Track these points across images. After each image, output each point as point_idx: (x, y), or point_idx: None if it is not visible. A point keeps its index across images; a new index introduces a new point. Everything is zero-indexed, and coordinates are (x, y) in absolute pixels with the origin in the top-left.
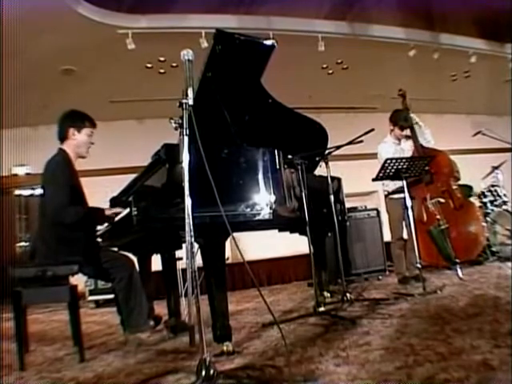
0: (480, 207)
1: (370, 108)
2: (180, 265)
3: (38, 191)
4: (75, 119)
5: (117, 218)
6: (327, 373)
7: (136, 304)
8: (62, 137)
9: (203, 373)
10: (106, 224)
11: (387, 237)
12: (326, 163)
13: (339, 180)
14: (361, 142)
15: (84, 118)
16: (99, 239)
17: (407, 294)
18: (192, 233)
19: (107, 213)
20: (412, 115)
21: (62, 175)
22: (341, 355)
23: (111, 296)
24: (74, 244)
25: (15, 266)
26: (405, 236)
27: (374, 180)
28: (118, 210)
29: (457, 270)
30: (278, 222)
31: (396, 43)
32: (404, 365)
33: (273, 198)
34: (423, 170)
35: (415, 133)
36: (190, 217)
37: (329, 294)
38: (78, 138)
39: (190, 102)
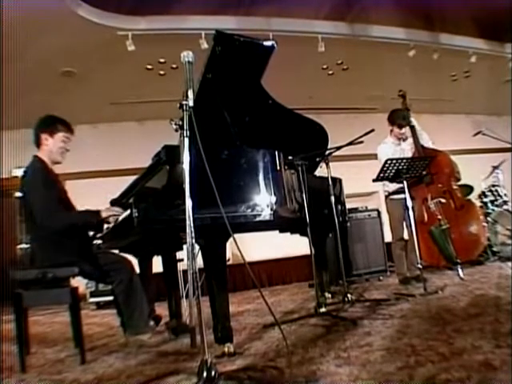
0: (481, 207)
1: (371, 109)
2: (181, 266)
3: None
4: (47, 124)
5: (119, 219)
6: (328, 373)
7: (136, 306)
8: (37, 143)
9: (204, 374)
10: (105, 226)
11: (388, 237)
12: (327, 164)
13: (340, 181)
14: (361, 142)
15: (57, 122)
16: (100, 241)
17: (408, 294)
18: (193, 234)
19: (103, 215)
20: (411, 118)
21: (42, 182)
22: (342, 356)
23: (112, 298)
24: (68, 247)
25: (16, 268)
26: (405, 236)
27: (374, 181)
28: (116, 209)
29: (458, 271)
30: (279, 223)
31: (396, 43)
32: (405, 365)
33: (273, 198)
34: (423, 171)
35: (416, 132)
36: (191, 218)
37: (330, 295)
38: (50, 144)
39: (191, 103)
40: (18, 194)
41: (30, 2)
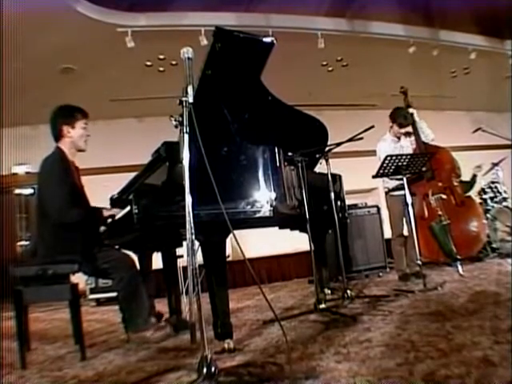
0: (480, 204)
1: (370, 105)
2: (181, 263)
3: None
4: (66, 115)
5: (118, 216)
6: (328, 369)
7: (136, 304)
8: (57, 136)
9: (204, 370)
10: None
11: (388, 234)
12: (327, 160)
13: (339, 177)
14: (361, 138)
15: (74, 111)
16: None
17: (408, 290)
18: (192, 230)
19: (105, 214)
20: (410, 110)
21: (59, 174)
22: (342, 352)
23: (112, 294)
24: (74, 244)
25: (16, 264)
26: (405, 233)
27: (374, 177)
28: (115, 210)
29: (457, 267)
30: (279, 219)
31: (396, 40)
32: (405, 361)
33: (273, 195)
34: (423, 167)
35: (417, 130)
36: (191, 214)
37: (329, 291)
38: (73, 134)
39: (190, 99)
40: (18, 191)
41: None
